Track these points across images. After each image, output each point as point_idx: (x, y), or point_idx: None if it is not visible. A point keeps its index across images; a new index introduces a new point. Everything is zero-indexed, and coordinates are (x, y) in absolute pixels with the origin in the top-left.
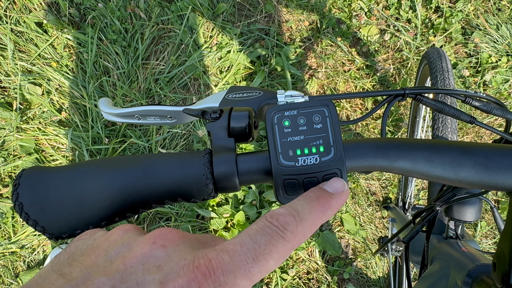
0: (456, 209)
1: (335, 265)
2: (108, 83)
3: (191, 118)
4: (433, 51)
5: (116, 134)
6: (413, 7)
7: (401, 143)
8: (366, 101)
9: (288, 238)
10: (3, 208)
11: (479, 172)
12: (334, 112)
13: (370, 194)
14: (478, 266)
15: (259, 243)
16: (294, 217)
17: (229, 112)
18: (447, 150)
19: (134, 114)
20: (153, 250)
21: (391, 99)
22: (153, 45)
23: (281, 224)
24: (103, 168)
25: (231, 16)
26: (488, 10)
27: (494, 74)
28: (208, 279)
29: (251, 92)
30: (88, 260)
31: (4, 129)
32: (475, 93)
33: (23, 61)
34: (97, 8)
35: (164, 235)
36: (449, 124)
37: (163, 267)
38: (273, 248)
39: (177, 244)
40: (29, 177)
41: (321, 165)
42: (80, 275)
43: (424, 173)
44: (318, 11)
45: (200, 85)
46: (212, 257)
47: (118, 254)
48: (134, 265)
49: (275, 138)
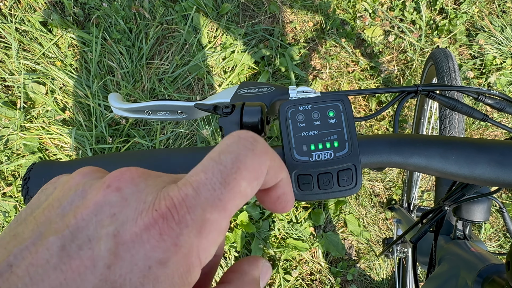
0: (465, 209)
1: (339, 266)
2: (112, 83)
3: (202, 114)
4: (439, 52)
5: (120, 133)
6: (417, 9)
7: (416, 139)
8: (370, 102)
9: (258, 150)
10: (6, 207)
11: (495, 169)
12: (349, 107)
13: (374, 196)
14: (489, 266)
15: (225, 163)
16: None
17: (242, 107)
18: (462, 147)
19: (144, 109)
20: (107, 196)
21: (404, 95)
22: (157, 45)
23: (250, 136)
24: (113, 162)
25: (236, 16)
26: (492, 12)
27: (499, 76)
28: (171, 221)
29: (263, 88)
30: (41, 215)
31: (8, 128)
32: (488, 90)
33: (28, 60)
34: (101, 8)
35: (120, 175)
36: (456, 124)
37: (118, 215)
38: (242, 165)
39: (135, 184)
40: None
41: (335, 161)
42: (31, 234)
43: (438, 170)
44: (323, 12)
45: (204, 85)
46: (173, 195)
47: (71, 205)
48: (86, 218)
49: (289, 132)
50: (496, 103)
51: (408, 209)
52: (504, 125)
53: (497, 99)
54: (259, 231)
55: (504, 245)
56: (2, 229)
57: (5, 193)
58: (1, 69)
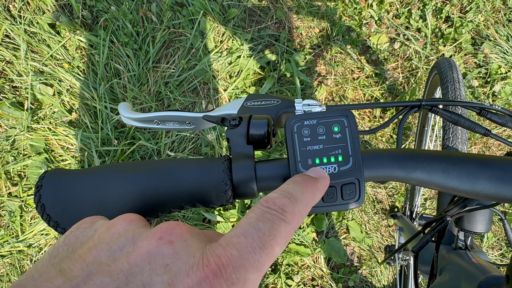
0: (466, 220)
1: (340, 272)
2: (119, 85)
3: (209, 125)
4: (444, 61)
5: (125, 136)
6: (423, 17)
7: (418, 154)
8: (374, 111)
9: (288, 219)
10: (11, 207)
11: (496, 185)
12: (353, 122)
13: (377, 202)
14: (490, 278)
15: (263, 230)
16: (289, 199)
17: (249, 119)
18: (463, 162)
19: (153, 119)
20: (160, 247)
21: (407, 110)
22: (164, 49)
23: (279, 207)
24: (124, 172)
25: (242, 21)
26: (498, 21)
27: (504, 85)
28: (220, 278)
29: (269, 100)
30: (89, 255)
31: (15, 128)
32: (490, 105)
33: (36, 61)
34: (109, 11)
35: (171, 230)
36: (460, 135)
37: (171, 266)
38: (277, 233)
39: (184, 239)
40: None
41: (339, 175)
42: (81, 273)
43: (440, 185)
44: (329, 19)
45: (209, 89)
46: (220, 254)
47: (122, 250)
48: (139, 264)
49: (294, 146)
50: (498, 118)
51: (410, 217)
52: (506, 140)
53: (499, 114)
54: None
55: (506, 254)
56: (8, 229)
57: (10, 193)
58: (10, 70)
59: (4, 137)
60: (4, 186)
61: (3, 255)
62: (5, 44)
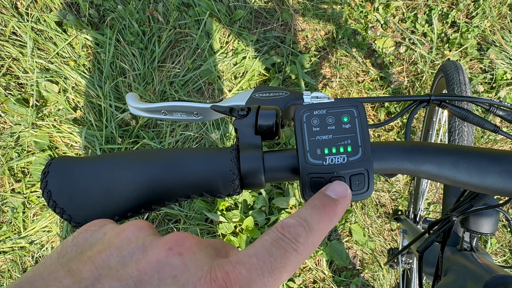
0: (472, 221)
1: (342, 275)
2: (124, 84)
3: (217, 115)
4: (450, 64)
5: (130, 134)
6: (429, 21)
7: (428, 147)
8: (378, 112)
9: (300, 250)
10: (14, 203)
11: (506, 179)
12: (363, 113)
13: (380, 206)
14: (496, 278)
15: (275, 256)
16: (304, 228)
17: (257, 110)
18: (473, 156)
19: (161, 110)
20: (169, 257)
21: (416, 104)
22: (169, 48)
23: (293, 236)
24: (131, 160)
25: (248, 23)
26: (504, 27)
27: (509, 91)
28: None
29: (278, 92)
30: (98, 258)
31: (19, 125)
32: (500, 102)
33: (42, 59)
34: (116, 10)
35: (181, 241)
36: (466, 136)
37: (179, 277)
38: (287, 261)
39: (193, 252)
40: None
41: (348, 165)
42: (90, 275)
43: (449, 178)
44: (335, 21)
45: (214, 90)
46: (229, 270)
47: (132, 257)
48: (149, 273)
49: (303, 136)
50: (507, 115)
51: (414, 220)
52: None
53: (508, 111)
54: None
55: (510, 260)
56: (10, 225)
57: (14, 189)
58: (16, 67)
59: (8, 133)
60: (7, 182)
61: (5, 251)
62: (12, 41)
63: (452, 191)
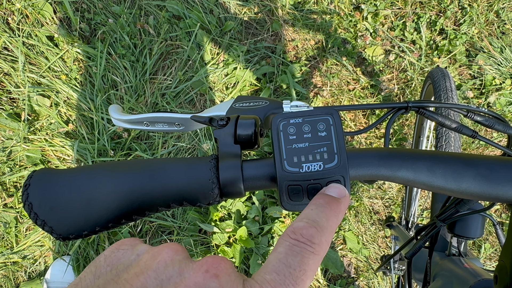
0: (459, 226)
1: (337, 283)
2: (116, 97)
3: (198, 126)
4: (437, 71)
5: (122, 146)
6: (418, 29)
7: (403, 153)
8: (370, 119)
9: (317, 251)
10: (6, 218)
11: (481, 183)
12: (338, 120)
13: (374, 213)
14: (480, 281)
15: (294, 266)
16: (316, 228)
17: (236, 119)
18: (449, 161)
19: (143, 121)
20: (206, 280)
21: (394, 111)
22: (161, 61)
23: (307, 239)
24: (111, 171)
25: (238, 34)
26: (492, 33)
27: (498, 96)
28: None
29: (258, 102)
30: (136, 281)
31: (11, 140)
32: (477, 108)
33: (33, 73)
34: (107, 24)
35: (217, 264)
36: (452, 142)
37: None
38: (307, 266)
39: (228, 274)
40: (40, 178)
41: (324, 172)
42: None
43: (425, 183)
44: (324, 31)
45: (206, 101)
46: None
47: (169, 280)
48: None
49: (280, 144)
50: (485, 120)
51: (406, 227)
52: (493, 142)
53: (486, 117)
54: (258, 247)
55: None
56: (2, 240)
57: (6, 204)
58: (7, 81)
59: (0, 148)
60: None
61: None
62: (4, 56)
63: (439, 197)
